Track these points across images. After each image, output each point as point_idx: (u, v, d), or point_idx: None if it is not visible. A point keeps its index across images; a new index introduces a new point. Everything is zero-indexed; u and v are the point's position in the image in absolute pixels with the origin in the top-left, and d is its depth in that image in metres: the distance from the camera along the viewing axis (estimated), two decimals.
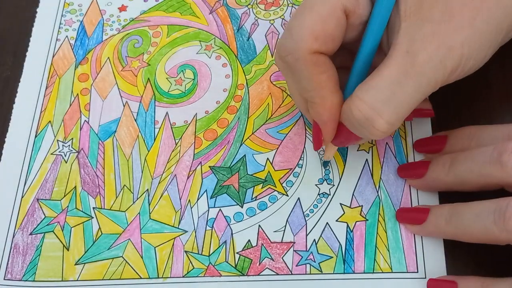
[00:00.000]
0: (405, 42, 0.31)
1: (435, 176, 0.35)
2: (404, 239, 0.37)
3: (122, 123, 0.42)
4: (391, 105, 0.31)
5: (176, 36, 0.45)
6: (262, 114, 0.42)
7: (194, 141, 0.41)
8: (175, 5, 0.47)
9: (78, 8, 0.48)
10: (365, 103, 0.31)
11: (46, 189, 0.41)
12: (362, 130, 0.32)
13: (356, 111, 0.31)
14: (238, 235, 0.38)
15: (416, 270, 0.36)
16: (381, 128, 0.31)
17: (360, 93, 0.31)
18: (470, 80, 0.40)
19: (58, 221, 0.39)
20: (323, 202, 0.38)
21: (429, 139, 0.38)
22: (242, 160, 0.40)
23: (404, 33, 0.31)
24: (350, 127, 0.33)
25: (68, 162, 0.41)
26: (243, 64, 0.44)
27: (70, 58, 0.45)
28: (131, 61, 0.45)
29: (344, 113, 0.33)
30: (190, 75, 0.44)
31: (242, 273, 0.37)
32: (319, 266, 0.36)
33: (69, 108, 0.43)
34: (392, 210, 0.37)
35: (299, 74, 0.33)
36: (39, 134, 0.43)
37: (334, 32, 0.32)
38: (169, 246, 0.38)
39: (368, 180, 0.39)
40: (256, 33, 0.45)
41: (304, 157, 0.40)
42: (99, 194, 0.40)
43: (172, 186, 0.40)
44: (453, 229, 0.33)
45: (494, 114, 0.39)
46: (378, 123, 0.31)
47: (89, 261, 0.38)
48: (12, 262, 0.38)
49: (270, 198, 0.39)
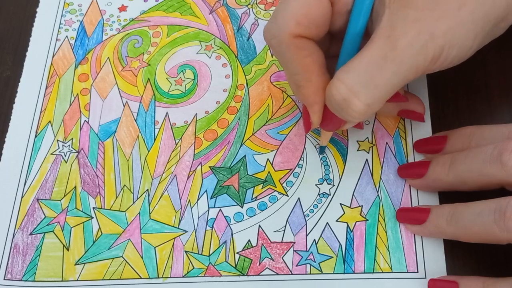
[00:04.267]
0: (387, 27, 0.31)
1: (435, 176, 0.35)
2: (404, 239, 0.37)
3: (122, 123, 0.42)
4: (369, 87, 0.31)
5: (176, 36, 0.45)
6: (263, 115, 0.42)
7: (194, 141, 0.41)
8: (175, 5, 0.47)
9: (78, 8, 0.48)
10: (344, 84, 0.31)
11: (46, 189, 0.41)
12: (341, 111, 0.33)
13: (334, 92, 0.32)
14: (238, 235, 0.38)
15: (416, 270, 0.36)
16: (358, 109, 0.32)
17: (340, 75, 0.32)
18: (470, 80, 0.41)
19: (58, 221, 0.39)
20: (323, 202, 0.38)
21: (429, 139, 0.38)
22: (242, 161, 0.40)
23: (387, 19, 0.31)
24: (330, 108, 0.33)
25: (68, 162, 0.41)
26: (243, 64, 0.44)
27: (70, 58, 0.45)
28: (131, 61, 0.45)
29: (326, 95, 0.33)
30: (190, 75, 0.44)
31: (242, 273, 0.37)
32: (319, 266, 0.36)
33: (69, 108, 0.43)
34: (392, 210, 0.37)
35: (284, 57, 0.34)
36: (39, 134, 0.43)
37: (318, 18, 0.33)
38: (169, 246, 0.38)
39: (368, 180, 0.39)
40: (256, 33, 0.45)
41: (304, 157, 0.40)
42: (99, 194, 0.40)
43: (172, 186, 0.40)
44: (453, 229, 0.33)
45: (494, 114, 0.39)
46: (354, 104, 0.31)
47: (89, 261, 0.38)
48: (12, 262, 0.38)
49: (270, 198, 0.39)
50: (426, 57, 0.31)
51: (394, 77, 0.31)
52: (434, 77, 0.41)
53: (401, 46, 0.31)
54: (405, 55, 0.31)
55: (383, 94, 0.32)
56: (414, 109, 0.38)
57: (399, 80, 0.31)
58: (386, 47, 0.31)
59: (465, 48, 0.32)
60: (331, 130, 0.37)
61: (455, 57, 0.32)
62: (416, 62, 0.31)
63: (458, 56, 0.32)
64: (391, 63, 0.31)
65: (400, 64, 0.31)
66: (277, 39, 0.33)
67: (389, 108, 0.39)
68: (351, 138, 0.40)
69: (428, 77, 0.41)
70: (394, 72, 0.31)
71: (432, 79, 0.41)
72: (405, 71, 0.31)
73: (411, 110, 0.39)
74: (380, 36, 0.31)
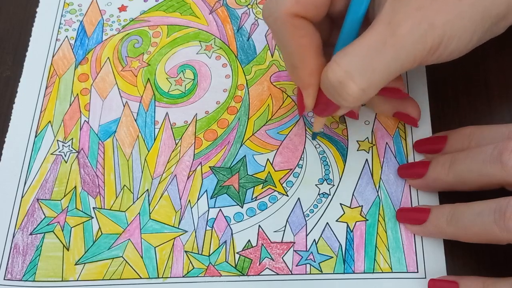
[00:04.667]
0: (388, 13, 0.31)
1: (435, 176, 0.35)
2: (404, 239, 0.37)
3: (122, 123, 0.42)
4: (365, 71, 0.31)
5: (176, 36, 0.45)
6: (262, 116, 0.42)
7: (194, 141, 0.41)
8: (175, 5, 0.47)
9: (78, 8, 0.48)
10: (340, 66, 0.31)
11: (46, 189, 0.41)
12: (335, 95, 0.32)
13: (330, 74, 0.32)
14: (238, 235, 0.38)
15: (416, 270, 0.36)
16: (353, 93, 0.31)
17: (338, 57, 0.32)
18: (470, 80, 0.41)
19: (58, 221, 0.39)
20: (323, 202, 0.38)
21: (429, 139, 0.38)
22: (242, 161, 0.40)
23: (389, 6, 0.31)
24: (325, 91, 0.33)
25: (68, 162, 0.41)
26: (243, 64, 0.44)
27: (70, 58, 0.45)
28: (131, 61, 0.45)
29: (321, 77, 0.33)
30: (190, 75, 0.44)
31: (242, 273, 0.37)
32: (319, 266, 0.36)
33: (69, 108, 0.43)
34: (392, 210, 0.37)
35: (280, 36, 0.34)
36: (39, 134, 0.43)
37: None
38: (169, 246, 0.38)
39: (368, 180, 0.39)
40: (256, 33, 0.45)
41: (304, 157, 0.40)
42: (99, 194, 0.40)
43: (172, 186, 0.40)
44: (453, 229, 0.33)
45: (494, 114, 0.39)
46: (349, 87, 0.31)
47: (89, 261, 0.38)
48: (12, 262, 0.38)
49: (270, 198, 0.39)
50: (425, 46, 0.31)
51: (392, 63, 0.31)
52: (434, 76, 0.41)
53: (401, 33, 0.31)
54: (404, 42, 0.31)
55: (379, 80, 0.32)
56: (409, 112, 0.38)
57: (396, 66, 0.31)
58: (386, 33, 0.31)
59: (464, 41, 0.32)
60: (324, 116, 0.37)
61: (454, 49, 0.32)
62: (415, 50, 0.31)
63: (457, 49, 0.32)
64: (390, 48, 0.31)
65: (399, 51, 0.31)
66: (274, 16, 0.33)
67: (386, 107, 0.39)
68: (351, 138, 0.40)
69: (428, 77, 0.41)
70: (392, 58, 0.31)
71: (432, 78, 0.41)
72: (403, 58, 0.31)
73: (406, 113, 0.39)
74: (381, 22, 0.31)
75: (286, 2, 0.32)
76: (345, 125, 0.41)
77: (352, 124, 0.40)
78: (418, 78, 0.41)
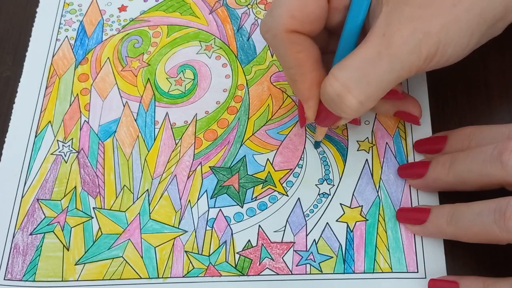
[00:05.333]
0: (382, 25, 0.31)
1: (435, 176, 0.35)
2: (404, 239, 0.37)
3: (122, 123, 0.42)
4: (362, 84, 0.31)
5: (176, 36, 0.45)
6: (262, 116, 0.42)
7: (194, 141, 0.41)
8: (175, 5, 0.47)
9: (78, 8, 0.48)
10: (338, 80, 0.32)
11: (46, 189, 0.41)
12: (334, 107, 0.33)
13: (329, 88, 0.32)
14: (238, 235, 0.38)
15: (416, 270, 0.36)
16: (351, 106, 0.32)
17: (335, 71, 0.32)
18: (470, 80, 0.41)
19: (58, 221, 0.39)
20: (323, 202, 0.38)
21: (429, 139, 0.38)
22: (242, 161, 0.40)
23: (383, 17, 0.31)
24: (325, 104, 0.34)
25: (68, 162, 0.41)
26: (243, 64, 0.44)
27: (70, 58, 0.45)
28: (131, 61, 0.45)
29: (321, 90, 0.33)
30: (190, 75, 0.44)
31: (242, 273, 0.37)
32: (319, 266, 0.36)
33: (69, 108, 0.43)
34: (392, 210, 0.37)
35: (279, 52, 0.34)
36: (39, 134, 0.43)
37: (313, 13, 0.33)
38: (169, 246, 0.38)
39: (368, 180, 0.39)
40: (256, 33, 0.45)
41: (304, 157, 0.40)
42: (99, 194, 0.40)
43: (172, 186, 0.40)
44: (453, 229, 0.33)
45: (494, 114, 0.39)
46: (348, 100, 0.32)
47: (89, 261, 0.38)
48: (12, 262, 0.38)
49: (270, 198, 0.39)
50: (420, 55, 0.31)
51: (387, 75, 0.31)
52: (434, 77, 0.41)
53: (395, 44, 0.31)
54: (399, 53, 0.31)
55: (376, 91, 0.32)
56: (411, 111, 0.38)
57: (392, 77, 0.31)
58: (381, 45, 0.31)
59: (461, 46, 0.32)
60: (326, 126, 0.37)
61: (451, 55, 0.32)
62: (410, 60, 0.31)
63: (454, 54, 0.32)
64: (385, 60, 0.31)
65: (394, 62, 0.31)
66: (271, 32, 0.33)
67: (386, 107, 0.39)
68: (351, 138, 0.40)
69: (428, 77, 0.41)
70: (388, 69, 0.31)
71: (432, 79, 0.41)
72: (399, 69, 0.31)
73: (407, 112, 0.38)
74: (376, 34, 0.31)
75: (283, 18, 0.32)
76: (345, 125, 0.41)
77: (352, 124, 0.40)
78: (418, 78, 0.41)
